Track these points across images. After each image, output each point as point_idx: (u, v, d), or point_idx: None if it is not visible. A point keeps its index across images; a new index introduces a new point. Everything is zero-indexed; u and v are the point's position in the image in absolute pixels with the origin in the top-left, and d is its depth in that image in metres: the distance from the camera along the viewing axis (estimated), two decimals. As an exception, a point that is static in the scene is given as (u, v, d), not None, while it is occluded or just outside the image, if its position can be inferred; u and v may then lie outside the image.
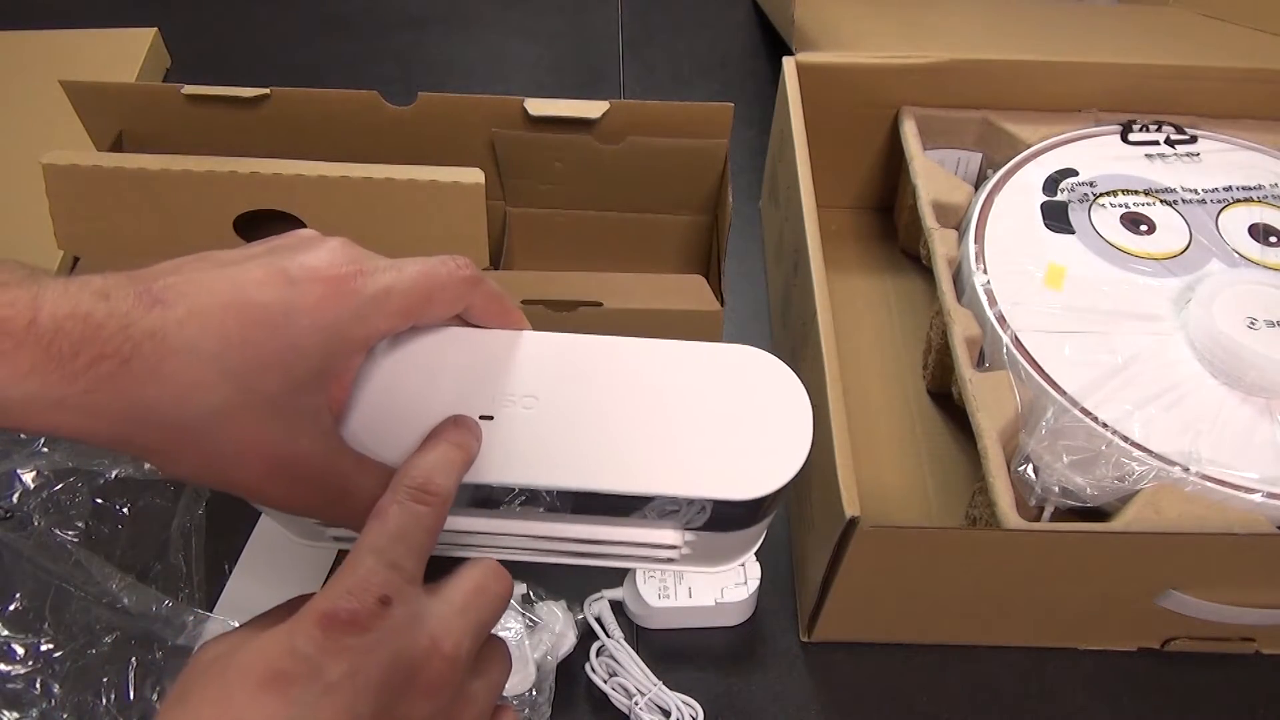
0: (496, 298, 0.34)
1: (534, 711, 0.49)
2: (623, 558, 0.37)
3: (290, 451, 0.29)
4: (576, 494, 0.32)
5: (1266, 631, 0.52)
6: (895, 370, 0.64)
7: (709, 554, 0.37)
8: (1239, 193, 0.60)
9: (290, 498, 0.30)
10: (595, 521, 0.35)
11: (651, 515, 0.34)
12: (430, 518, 0.29)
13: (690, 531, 0.35)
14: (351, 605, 0.26)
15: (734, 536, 0.36)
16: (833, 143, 0.63)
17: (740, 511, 0.32)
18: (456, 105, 0.58)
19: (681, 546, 0.36)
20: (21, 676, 0.50)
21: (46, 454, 0.56)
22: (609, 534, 0.35)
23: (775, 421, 0.32)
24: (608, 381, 0.33)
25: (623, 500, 0.32)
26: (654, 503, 0.33)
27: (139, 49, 0.82)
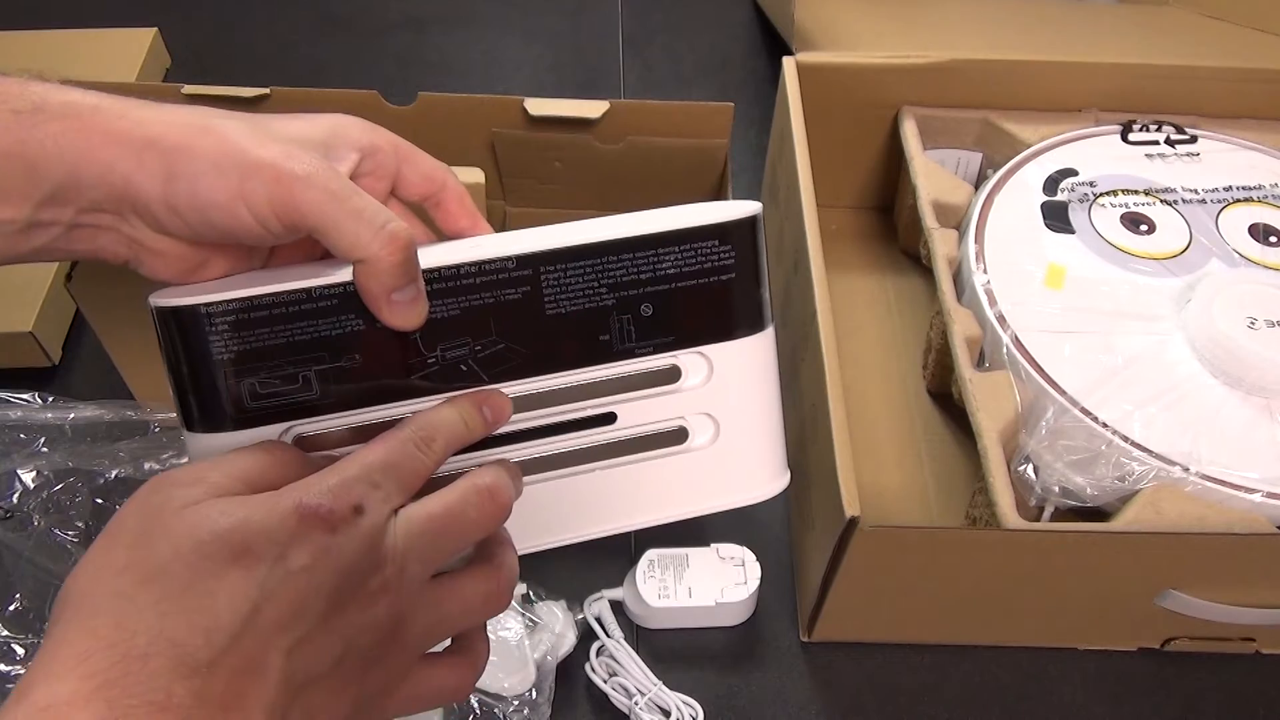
0: (468, 197, 0.38)
1: (534, 711, 0.49)
2: (632, 447, 0.36)
3: (299, 153, 0.31)
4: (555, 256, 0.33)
5: (1266, 631, 0.52)
6: (895, 370, 0.64)
7: (726, 448, 0.37)
8: (1239, 193, 0.60)
9: (306, 177, 0.30)
10: (599, 364, 0.35)
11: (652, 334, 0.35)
12: (423, 466, 0.31)
13: (695, 351, 0.35)
14: (327, 503, 0.28)
15: (742, 371, 0.36)
16: (833, 143, 0.63)
17: (727, 259, 0.34)
18: (456, 105, 0.58)
19: (688, 372, 0.35)
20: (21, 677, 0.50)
21: (46, 454, 0.56)
22: (614, 372, 0.35)
23: (729, 205, 0.35)
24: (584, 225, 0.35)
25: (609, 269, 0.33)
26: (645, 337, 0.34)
27: (139, 49, 0.82)
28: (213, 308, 0.30)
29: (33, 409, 0.58)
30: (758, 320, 0.36)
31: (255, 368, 0.31)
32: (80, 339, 0.67)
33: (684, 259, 0.34)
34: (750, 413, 0.38)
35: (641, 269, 0.33)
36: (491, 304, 0.32)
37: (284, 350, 0.31)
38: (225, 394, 0.31)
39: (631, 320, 0.34)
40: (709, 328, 0.35)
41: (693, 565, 0.53)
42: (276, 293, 0.30)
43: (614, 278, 0.33)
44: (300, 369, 0.31)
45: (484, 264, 0.32)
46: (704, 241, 0.34)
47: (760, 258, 0.35)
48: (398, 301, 0.30)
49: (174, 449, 0.56)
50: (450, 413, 0.32)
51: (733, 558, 0.53)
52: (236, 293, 0.30)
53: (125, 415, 0.57)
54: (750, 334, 0.36)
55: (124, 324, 0.55)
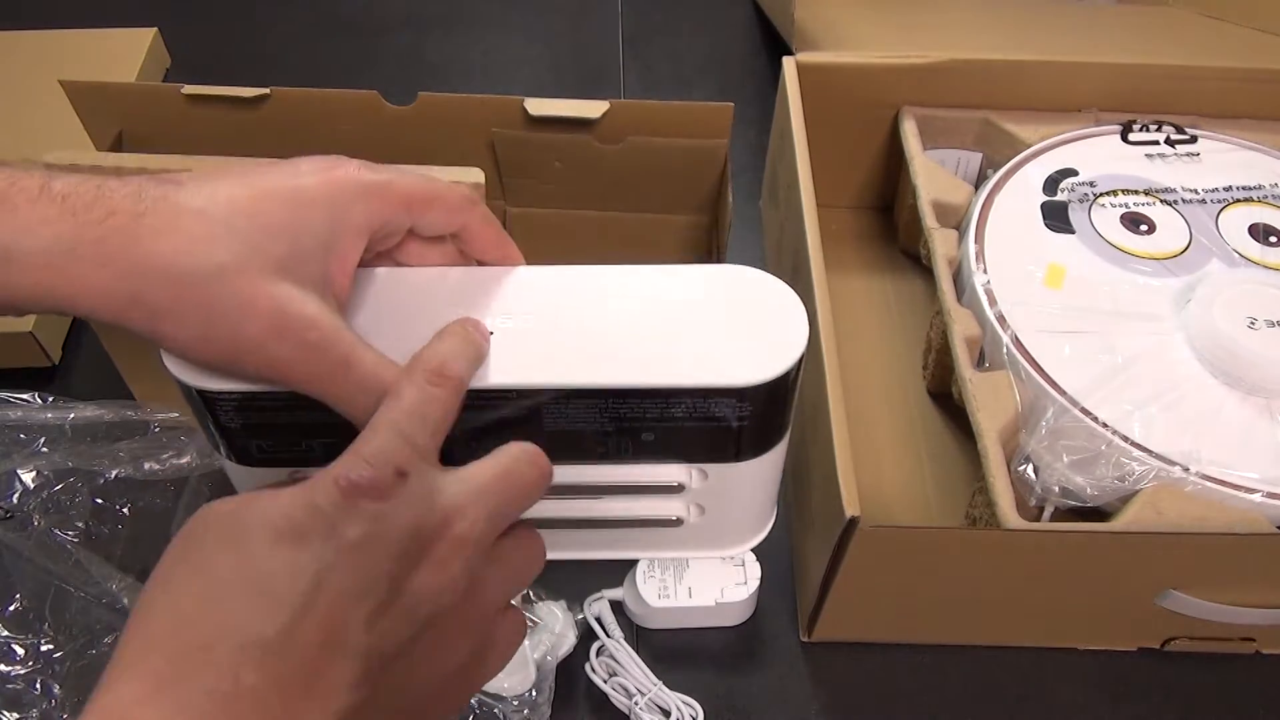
0: (494, 224, 0.35)
1: (534, 712, 0.49)
2: (626, 523, 0.36)
3: (297, 310, 0.29)
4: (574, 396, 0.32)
5: (1266, 631, 0.52)
6: (895, 370, 0.64)
7: (719, 520, 0.37)
8: (1239, 193, 0.60)
9: (293, 360, 0.29)
10: (592, 463, 0.34)
11: (654, 453, 0.34)
12: (446, 399, 0.29)
13: (696, 468, 0.34)
14: (369, 473, 0.26)
15: (744, 476, 0.35)
16: (833, 143, 0.63)
17: (743, 411, 0.32)
18: (456, 105, 0.58)
19: (689, 485, 0.35)
20: (21, 677, 0.50)
21: (46, 454, 0.56)
22: (610, 476, 0.34)
23: (770, 322, 0.32)
24: (606, 300, 0.33)
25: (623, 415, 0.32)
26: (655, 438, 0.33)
27: (139, 49, 0.82)
28: (215, 394, 0.31)
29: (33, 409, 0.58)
30: (769, 445, 0.34)
31: (262, 436, 0.32)
32: (80, 339, 0.67)
33: (695, 408, 0.32)
34: (744, 502, 0.37)
35: (648, 411, 0.32)
36: (490, 421, 0.32)
37: (287, 428, 0.32)
38: (239, 446, 0.33)
39: (631, 443, 0.33)
40: (712, 455, 0.34)
41: (693, 565, 0.53)
42: (275, 392, 0.31)
43: (617, 413, 0.32)
44: (304, 439, 0.33)
45: (483, 392, 0.31)
46: (724, 398, 0.32)
47: (787, 401, 0.33)
48: None
49: (174, 449, 0.56)
50: (450, 340, 0.31)
51: (733, 558, 0.53)
52: (239, 387, 0.31)
53: (125, 415, 0.57)
54: (759, 456, 0.34)
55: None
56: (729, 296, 0.33)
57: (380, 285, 0.34)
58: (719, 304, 0.33)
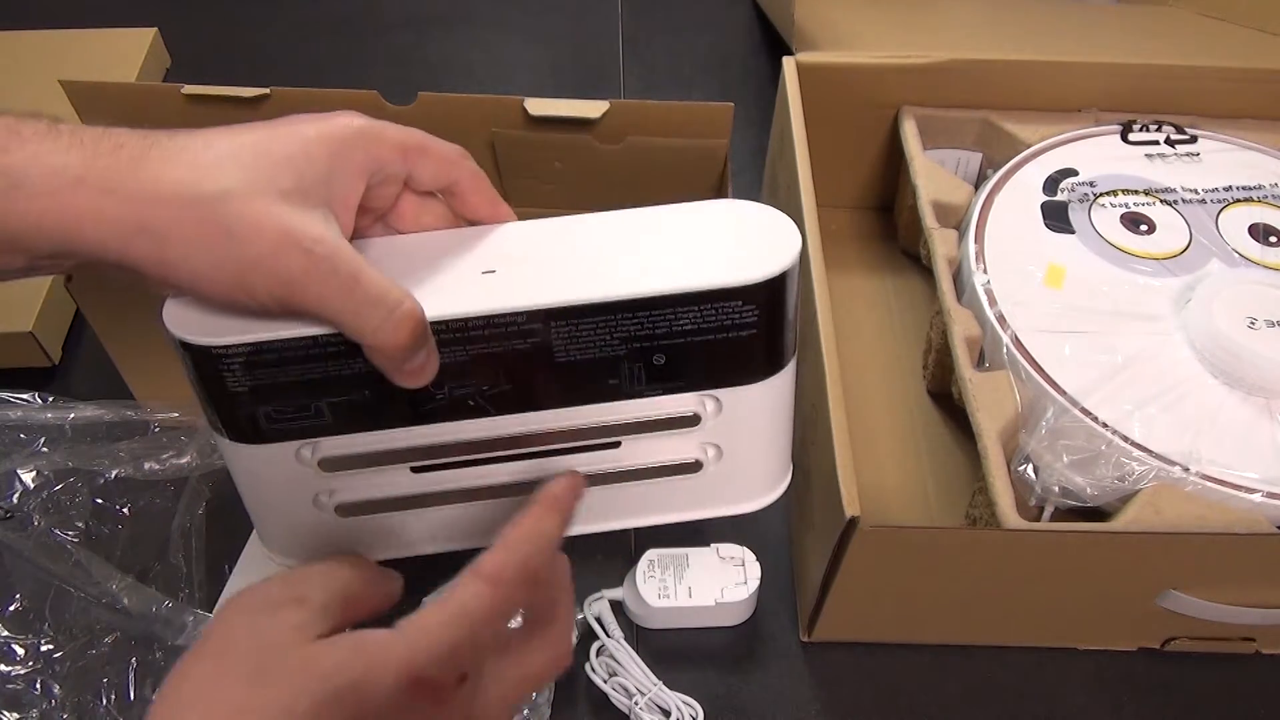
0: (485, 180, 0.36)
1: (534, 712, 0.49)
2: (645, 473, 0.37)
3: (303, 228, 0.29)
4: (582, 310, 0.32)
5: (1266, 631, 0.52)
6: (895, 370, 0.64)
7: (736, 466, 0.37)
8: (1239, 192, 0.60)
9: (302, 273, 0.29)
10: (607, 401, 0.34)
11: (665, 381, 0.34)
12: (526, 601, 0.31)
13: (709, 396, 0.35)
14: (440, 677, 0.28)
15: (756, 406, 0.35)
16: (833, 143, 0.63)
17: (748, 316, 0.33)
18: (456, 105, 0.58)
19: (705, 416, 0.35)
20: (21, 677, 0.50)
21: (46, 454, 0.56)
22: (624, 413, 0.35)
23: (762, 236, 0.34)
24: (603, 235, 0.34)
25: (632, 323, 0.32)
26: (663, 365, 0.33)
27: (139, 49, 0.82)
28: (223, 349, 0.31)
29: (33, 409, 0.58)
30: (776, 364, 0.35)
31: (269, 399, 0.32)
32: (80, 339, 0.67)
33: (703, 316, 0.32)
34: (758, 439, 0.38)
35: (657, 325, 0.32)
36: (500, 352, 0.32)
37: (295, 387, 0.32)
38: (244, 417, 0.33)
39: (643, 368, 0.34)
40: (723, 376, 0.34)
41: (693, 565, 0.53)
42: (285, 339, 0.31)
43: (626, 331, 0.32)
44: (312, 400, 0.32)
45: (493, 318, 0.31)
46: (727, 301, 0.32)
47: (787, 308, 0.34)
48: (407, 368, 0.30)
49: (174, 449, 0.56)
50: (543, 528, 0.32)
51: (733, 558, 0.53)
52: (246, 337, 0.31)
53: (125, 415, 0.57)
54: (767, 377, 0.35)
55: (124, 324, 0.55)
56: (722, 220, 0.35)
57: (379, 251, 0.35)
58: (714, 226, 0.34)
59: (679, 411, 0.35)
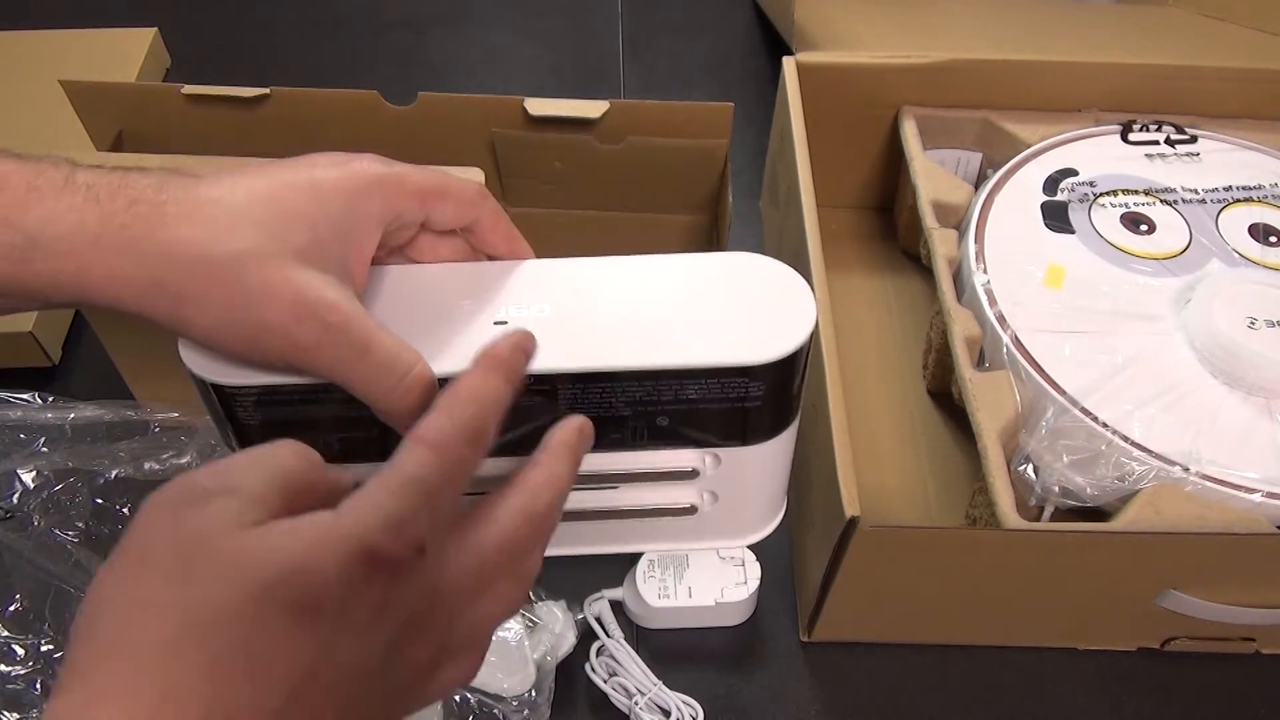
0: (504, 219, 0.36)
1: (534, 712, 0.49)
2: (641, 513, 0.37)
3: (317, 294, 0.30)
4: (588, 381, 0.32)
5: (1266, 631, 0.52)
6: (895, 370, 0.64)
7: (731, 508, 0.37)
8: (1239, 193, 0.60)
9: (314, 343, 0.29)
10: (608, 451, 0.34)
11: (668, 437, 0.34)
12: (473, 465, 0.28)
13: (709, 452, 0.35)
14: (394, 549, 0.25)
15: (755, 461, 0.35)
16: (833, 143, 0.63)
17: (755, 389, 0.33)
18: (456, 105, 0.58)
19: (703, 471, 0.35)
20: (22, 677, 0.50)
21: (46, 454, 0.56)
22: (623, 464, 0.35)
23: (778, 304, 0.33)
24: (619, 288, 0.34)
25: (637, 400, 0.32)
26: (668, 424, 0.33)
27: (139, 49, 0.82)
28: (235, 389, 0.31)
29: (33, 409, 0.58)
30: (780, 428, 0.35)
31: (280, 433, 0.32)
32: (80, 339, 0.67)
33: (709, 389, 0.33)
34: (756, 488, 0.38)
35: (662, 393, 0.33)
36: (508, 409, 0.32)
37: (305, 424, 0.32)
38: (256, 444, 0.33)
39: (646, 428, 0.34)
40: (724, 437, 0.35)
41: (693, 565, 0.53)
42: (295, 385, 0.31)
43: (632, 396, 0.33)
44: (322, 436, 0.33)
45: (543, 378, 0.32)
46: (735, 379, 0.32)
47: (795, 380, 0.34)
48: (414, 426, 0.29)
49: (174, 449, 0.56)
50: (482, 384, 0.29)
51: (733, 558, 0.53)
52: (257, 380, 0.31)
53: (125, 415, 0.57)
54: (770, 440, 0.35)
55: (124, 324, 0.55)
56: (737, 281, 0.34)
57: (394, 281, 0.35)
58: (728, 288, 0.34)
59: (678, 466, 0.35)
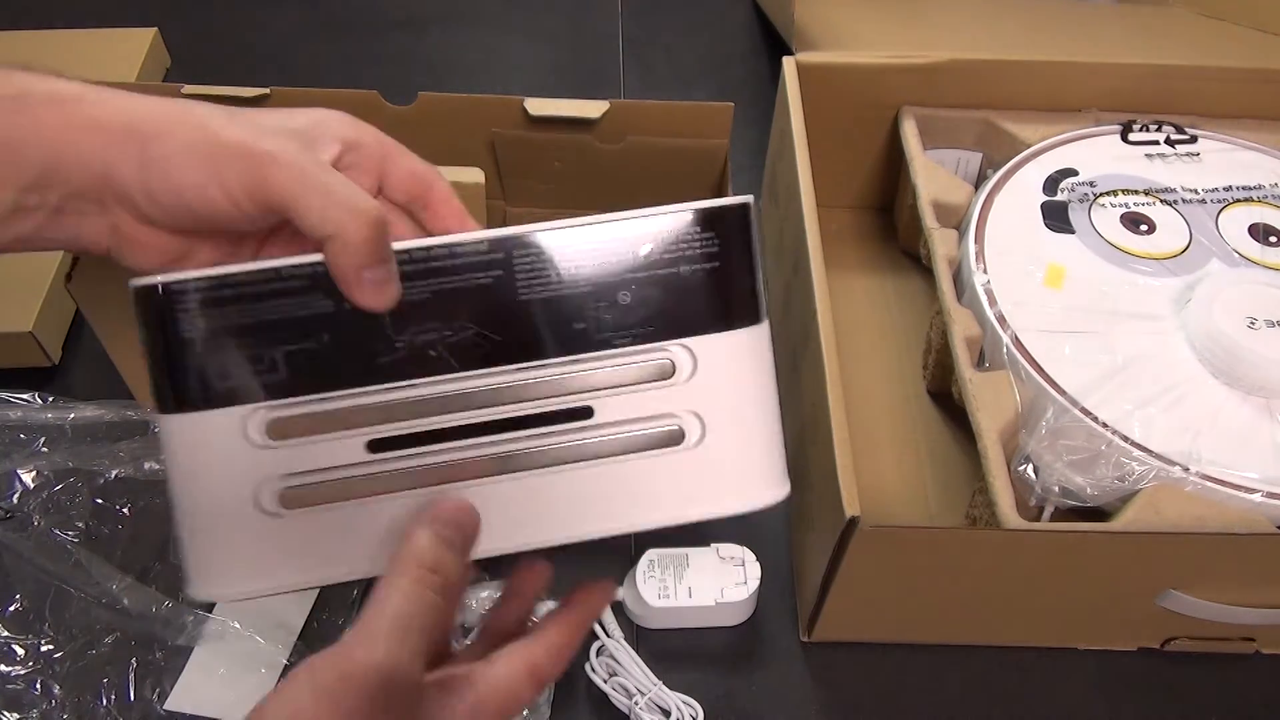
0: (455, 199, 0.37)
1: (534, 712, 0.49)
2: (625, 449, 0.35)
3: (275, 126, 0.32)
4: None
5: (1266, 631, 0.52)
6: (895, 370, 0.64)
7: (723, 447, 0.35)
8: (1239, 192, 0.60)
9: (274, 167, 0.30)
10: (576, 353, 0.34)
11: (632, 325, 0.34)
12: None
13: (681, 345, 0.34)
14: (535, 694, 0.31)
15: (735, 367, 0.35)
16: (833, 143, 0.63)
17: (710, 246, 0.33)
18: (456, 105, 0.58)
19: (678, 366, 0.34)
20: (22, 677, 0.50)
21: (46, 454, 0.56)
22: (593, 365, 0.34)
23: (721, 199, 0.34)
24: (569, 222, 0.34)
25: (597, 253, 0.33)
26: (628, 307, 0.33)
27: (139, 49, 0.82)
28: (182, 285, 0.31)
29: (33, 409, 0.58)
30: (748, 313, 0.35)
31: (223, 347, 0.31)
32: (80, 339, 0.67)
33: (665, 246, 0.33)
34: (742, 412, 0.36)
35: (620, 255, 0.33)
36: (462, 288, 0.32)
37: (251, 330, 0.31)
38: (194, 373, 0.32)
39: (609, 308, 0.33)
40: (692, 318, 0.34)
41: (693, 565, 0.53)
42: (245, 272, 0.31)
43: (591, 266, 0.33)
44: (267, 350, 0.31)
45: (456, 246, 0.32)
46: (686, 228, 0.33)
47: (752, 249, 0.34)
48: (368, 280, 0.30)
49: (174, 449, 0.56)
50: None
51: (733, 558, 0.53)
52: (206, 271, 0.31)
53: (125, 415, 0.57)
54: (739, 327, 0.35)
55: (124, 324, 0.55)
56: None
57: None
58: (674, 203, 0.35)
59: (650, 359, 0.34)
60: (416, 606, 0.29)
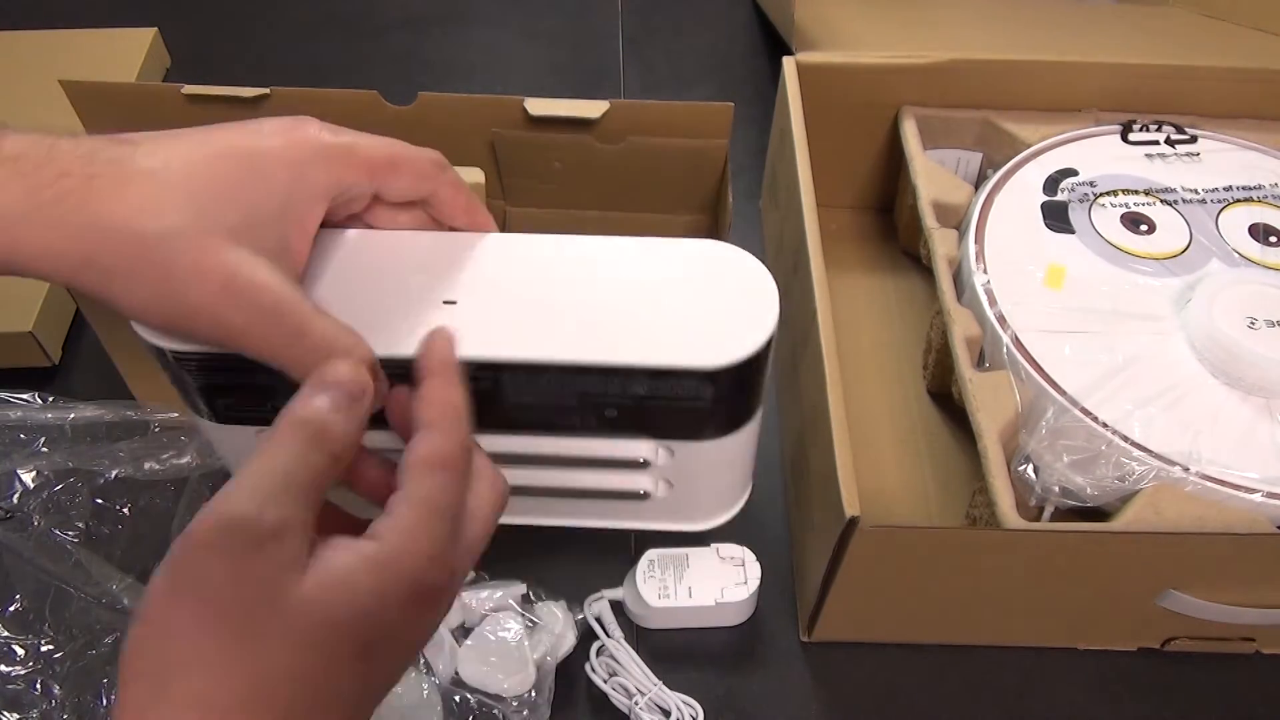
0: (463, 190, 0.34)
1: (533, 712, 0.49)
2: (593, 494, 0.36)
3: (248, 276, 0.29)
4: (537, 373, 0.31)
5: (1266, 631, 0.52)
6: (895, 370, 0.64)
7: (688, 495, 0.36)
8: (1239, 192, 0.60)
9: (245, 325, 0.29)
10: (559, 435, 0.34)
11: (619, 428, 0.33)
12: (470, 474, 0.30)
13: (663, 445, 0.34)
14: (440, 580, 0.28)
15: (713, 455, 0.34)
16: (833, 143, 0.63)
17: (709, 392, 0.32)
18: (456, 105, 0.58)
19: (656, 463, 0.34)
20: (22, 677, 0.50)
21: (46, 454, 0.56)
22: (575, 449, 0.34)
23: (741, 302, 0.32)
24: (575, 271, 0.33)
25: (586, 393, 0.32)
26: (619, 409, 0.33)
27: (139, 49, 0.82)
28: (179, 355, 0.31)
29: (33, 409, 0.58)
30: (736, 425, 0.34)
31: (226, 395, 0.33)
32: (80, 339, 0.67)
33: (656, 386, 0.31)
34: (714, 480, 0.36)
35: (610, 386, 0.32)
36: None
37: (250, 389, 0.32)
38: (206, 404, 0.34)
39: (595, 418, 0.33)
40: (679, 434, 0.33)
41: (693, 565, 0.53)
42: (232, 354, 0.31)
43: (579, 388, 0.32)
44: (266, 400, 0.33)
45: (486, 366, 0.31)
46: (682, 380, 0.31)
47: (757, 380, 0.33)
48: None
49: (174, 449, 0.56)
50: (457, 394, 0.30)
51: (733, 558, 0.53)
52: (199, 347, 0.31)
53: (125, 415, 0.57)
54: (725, 436, 0.34)
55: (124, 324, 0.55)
56: (703, 272, 0.33)
57: (347, 247, 0.34)
58: (691, 280, 0.32)
59: (628, 455, 0.34)
60: (278, 459, 0.27)
